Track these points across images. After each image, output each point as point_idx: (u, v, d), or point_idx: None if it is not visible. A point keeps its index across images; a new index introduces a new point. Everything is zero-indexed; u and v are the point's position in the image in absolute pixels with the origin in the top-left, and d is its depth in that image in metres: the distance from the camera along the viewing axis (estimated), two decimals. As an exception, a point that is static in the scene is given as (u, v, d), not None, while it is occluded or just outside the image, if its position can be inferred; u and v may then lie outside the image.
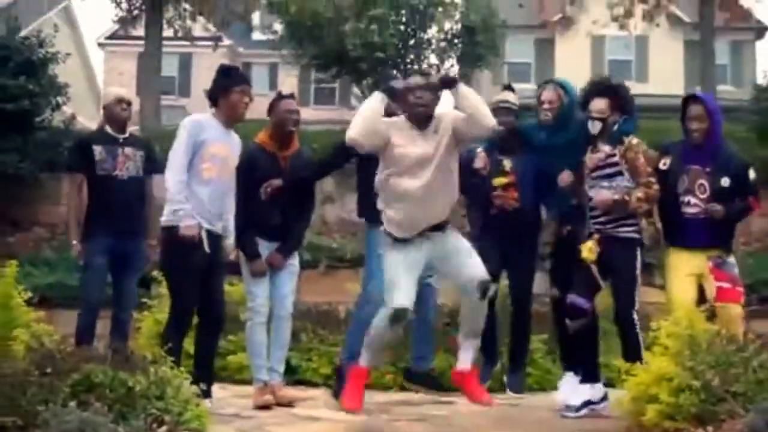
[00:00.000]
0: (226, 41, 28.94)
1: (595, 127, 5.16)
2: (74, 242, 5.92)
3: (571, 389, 5.23)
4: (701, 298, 5.19)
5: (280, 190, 5.49)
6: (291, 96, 5.72)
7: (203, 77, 29.74)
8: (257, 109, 5.99)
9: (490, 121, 4.63)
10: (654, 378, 4.22)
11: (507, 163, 5.76)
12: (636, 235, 5.15)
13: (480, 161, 5.66)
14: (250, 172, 5.48)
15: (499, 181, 5.80)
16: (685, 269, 5.21)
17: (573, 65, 27.16)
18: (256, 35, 28.35)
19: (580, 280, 5.16)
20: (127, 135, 5.97)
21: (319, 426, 4.86)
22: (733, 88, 24.20)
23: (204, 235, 5.15)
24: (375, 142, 4.68)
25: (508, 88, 5.98)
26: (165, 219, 5.18)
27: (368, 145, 4.70)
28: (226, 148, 5.28)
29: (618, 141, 5.16)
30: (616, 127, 5.20)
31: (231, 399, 5.71)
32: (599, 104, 5.16)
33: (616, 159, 5.16)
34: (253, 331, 5.56)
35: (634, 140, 5.19)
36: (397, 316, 4.66)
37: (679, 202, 5.19)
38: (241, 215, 5.47)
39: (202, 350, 5.38)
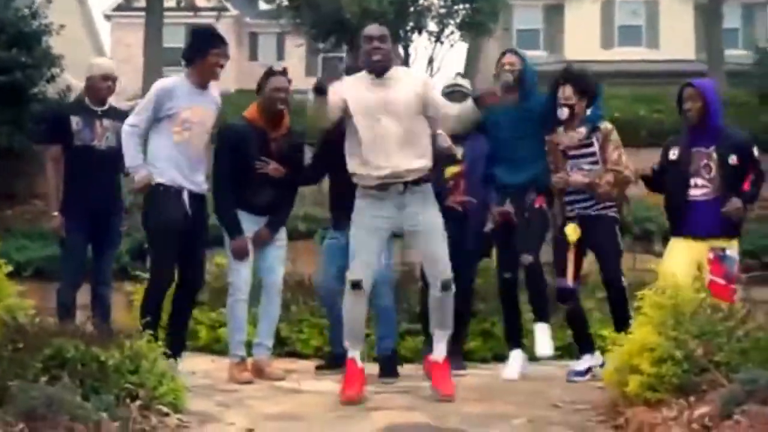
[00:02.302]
0: (233, 11, 28.78)
1: (563, 113, 5.39)
2: (54, 213, 5.87)
3: (520, 365, 5.58)
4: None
5: (275, 170, 5.43)
6: (282, 72, 5.58)
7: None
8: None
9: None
10: (637, 348, 4.15)
11: (458, 151, 5.69)
12: (614, 214, 5.45)
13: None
14: (237, 149, 5.40)
15: (450, 170, 5.80)
16: (683, 257, 5.18)
17: (583, 31, 26.93)
18: (263, 5, 28.15)
19: (561, 262, 5.41)
20: (106, 107, 5.89)
21: (302, 399, 4.81)
22: (744, 53, 23.89)
23: (186, 195, 5.15)
24: (336, 112, 4.74)
25: (460, 74, 6.04)
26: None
27: (335, 117, 4.77)
28: (198, 111, 5.24)
29: (593, 128, 5.41)
30: (589, 112, 5.46)
31: (218, 372, 5.66)
32: (566, 91, 5.40)
33: (594, 148, 5.39)
34: (233, 307, 5.50)
35: (609, 126, 5.47)
36: (354, 285, 4.68)
37: (687, 186, 5.20)
38: (224, 190, 5.41)
39: (176, 311, 5.37)
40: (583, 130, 5.40)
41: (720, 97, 5.41)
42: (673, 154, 5.33)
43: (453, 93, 5.78)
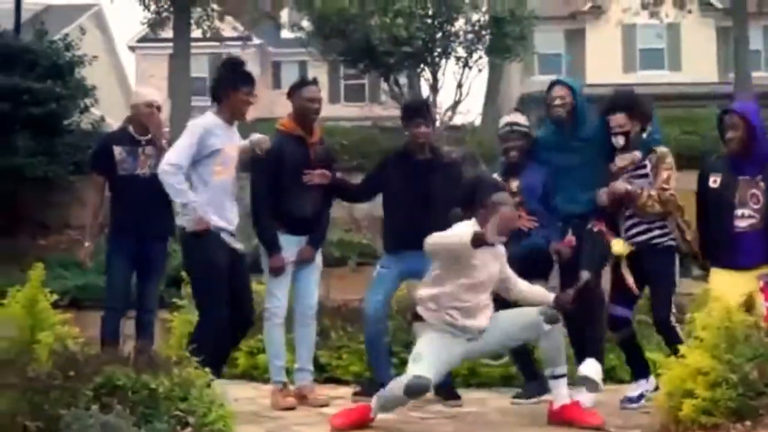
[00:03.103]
0: (256, 40, 29.01)
1: (618, 142, 5.27)
2: (86, 243, 5.92)
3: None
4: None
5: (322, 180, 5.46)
6: (314, 82, 5.64)
7: (233, 77, 29.86)
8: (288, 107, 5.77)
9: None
10: (689, 372, 4.10)
11: (513, 185, 5.48)
12: (672, 242, 5.25)
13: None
14: (279, 160, 5.39)
15: None
16: (730, 289, 4.83)
17: (604, 55, 26.97)
18: (285, 33, 28.36)
19: (617, 289, 5.31)
20: (149, 136, 5.90)
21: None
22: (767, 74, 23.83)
23: (225, 236, 5.11)
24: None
25: (518, 110, 5.95)
26: (181, 219, 5.14)
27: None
28: (233, 148, 5.23)
29: (649, 150, 5.29)
30: (645, 136, 5.33)
31: (261, 399, 5.64)
32: (619, 119, 5.26)
33: (646, 170, 5.27)
34: (271, 332, 5.49)
35: (665, 149, 5.33)
36: (414, 389, 4.45)
37: (732, 217, 5.00)
38: (264, 206, 5.40)
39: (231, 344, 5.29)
40: (638, 154, 5.27)
41: (762, 121, 5.18)
42: (714, 181, 5.11)
43: (511, 132, 5.62)
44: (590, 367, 5.06)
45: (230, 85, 5.20)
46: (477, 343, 4.71)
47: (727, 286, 4.89)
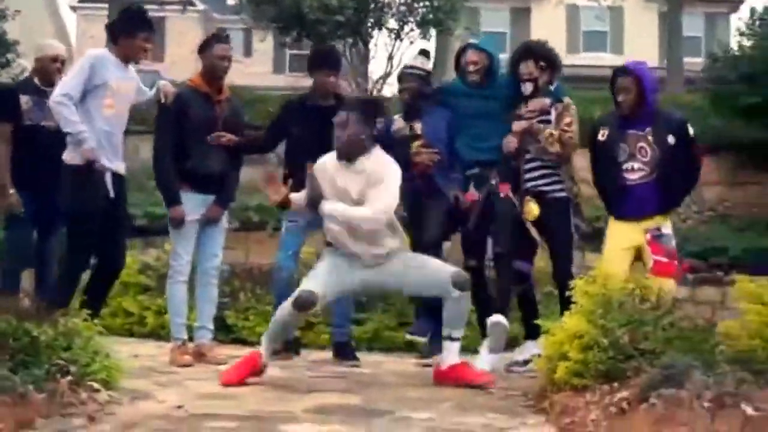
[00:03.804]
0: (200, 6, 28.70)
1: (527, 89, 5.36)
2: (11, 191, 5.80)
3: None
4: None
5: (228, 142, 5.44)
6: (225, 39, 5.66)
7: (175, 42, 29.46)
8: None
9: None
10: (567, 336, 4.23)
11: (417, 126, 5.57)
12: (566, 194, 5.38)
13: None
14: (183, 113, 5.41)
15: (414, 145, 5.62)
16: (623, 242, 5.24)
17: (548, 36, 26.90)
18: (230, 0, 28.11)
19: (520, 243, 5.35)
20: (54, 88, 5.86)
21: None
22: (706, 60, 24.21)
23: (109, 177, 5.11)
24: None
25: (423, 53, 5.95)
26: (70, 156, 5.09)
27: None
28: (124, 85, 5.22)
29: (557, 99, 5.40)
30: (553, 87, 5.44)
31: (162, 357, 5.67)
32: (529, 66, 5.35)
33: (550, 117, 5.37)
34: (173, 290, 5.51)
35: (569, 101, 5.43)
36: (302, 301, 4.58)
37: (621, 170, 5.21)
38: (166, 158, 5.41)
39: (93, 292, 5.20)
40: (547, 101, 5.37)
41: (655, 79, 5.36)
42: (602, 135, 5.30)
43: (407, 74, 5.69)
44: (498, 317, 5.20)
45: (128, 27, 5.22)
46: (377, 273, 4.75)
47: (621, 238, 5.20)
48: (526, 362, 5.39)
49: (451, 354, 4.82)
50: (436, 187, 5.48)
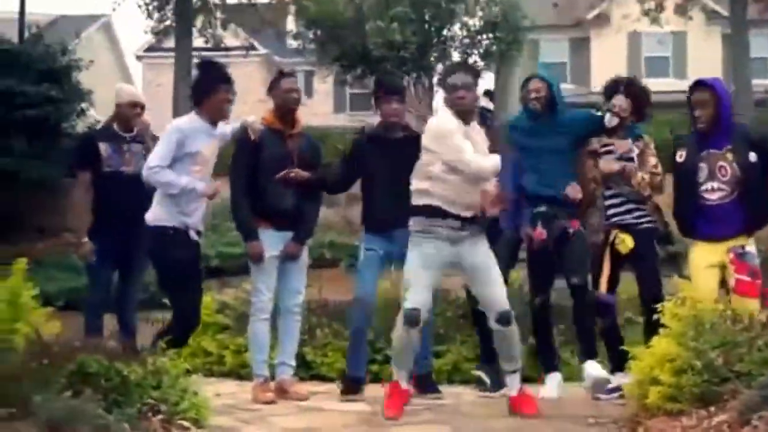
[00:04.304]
0: (261, 50, 29.14)
1: (611, 122, 5.33)
2: (84, 239, 5.90)
3: (558, 384, 5.45)
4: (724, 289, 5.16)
5: (295, 178, 5.47)
6: (291, 74, 5.77)
7: (239, 86, 29.94)
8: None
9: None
10: (657, 360, 4.14)
11: None
12: (652, 225, 5.40)
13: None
14: (256, 152, 5.46)
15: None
16: (707, 261, 5.11)
17: (609, 64, 26.88)
18: (291, 43, 28.52)
19: (601, 275, 5.38)
20: (134, 133, 5.98)
21: (324, 417, 4.83)
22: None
23: (192, 233, 5.23)
24: None
25: (487, 93, 5.97)
26: (153, 218, 5.22)
27: None
28: (212, 149, 5.33)
29: (636, 137, 5.43)
30: (632, 126, 5.47)
31: (243, 395, 5.69)
32: (623, 102, 5.33)
33: (633, 154, 5.40)
34: (255, 328, 5.54)
35: (648, 138, 5.50)
36: (410, 317, 4.68)
37: (700, 191, 5.09)
38: (241, 195, 5.48)
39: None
40: (629, 141, 5.38)
41: (729, 96, 5.28)
42: (680, 156, 5.19)
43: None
44: (592, 368, 5.21)
45: (208, 85, 5.31)
46: (459, 255, 4.80)
47: (704, 258, 5.09)
48: (614, 390, 5.23)
49: (513, 385, 4.90)
50: (499, 229, 5.50)
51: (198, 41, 19.01)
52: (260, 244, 5.45)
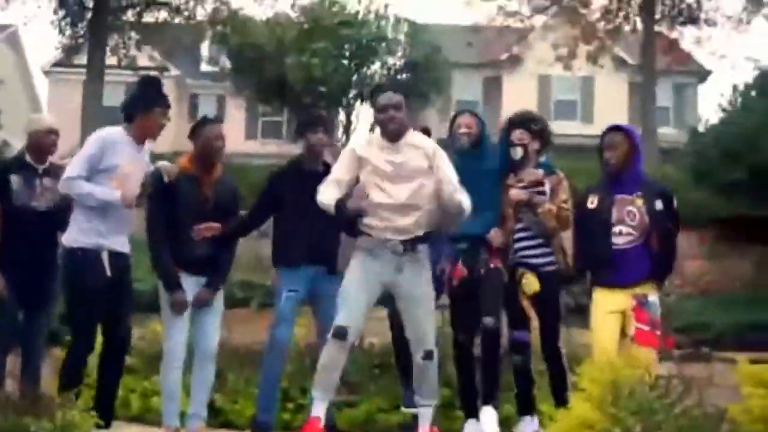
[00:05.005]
0: (174, 71, 28.73)
1: (517, 153, 5.41)
2: None
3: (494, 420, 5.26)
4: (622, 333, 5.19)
5: (209, 228, 5.33)
6: (217, 120, 5.63)
7: (150, 107, 29.30)
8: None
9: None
10: (576, 424, 4.15)
11: None
12: (553, 267, 5.39)
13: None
14: (171, 198, 5.32)
15: None
16: (608, 306, 5.15)
17: (520, 104, 27.15)
18: (204, 67, 28.20)
19: (515, 313, 5.37)
20: (46, 165, 5.76)
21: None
22: (675, 131, 24.62)
23: (105, 256, 5.07)
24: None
25: (425, 131, 5.98)
26: (67, 238, 5.10)
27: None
28: (134, 167, 5.17)
29: (550, 172, 5.44)
30: (543, 159, 5.50)
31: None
32: (519, 134, 5.42)
33: (545, 188, 5.40)
34: (167, 376, 5.36)
35: (561, 175, 5.50)
36: (338, 332, 4.71)
37: (610, 235, 5.13)
38: (159, 241, 5.34)
39: (104, 376, 5.22)
40: (541, 172, 5.41)
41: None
42: (592, 202, 5.24)
43: None
44: (488, 416, 5.15)
45: (144, 103, 5.18)
46: (396, 283, 4.86)
47: (607, 303, 5.12)
48: None
49: (423, 420, 4.96)
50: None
51: (110, 58, 18.62)
52: (184, 294, 5.31)
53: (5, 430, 3.69)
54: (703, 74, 28.55)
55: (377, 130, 5.05)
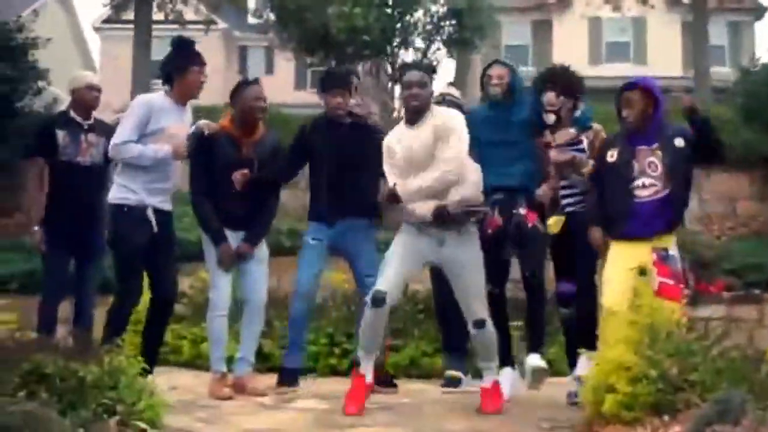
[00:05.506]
0: (221, 25, 28.77)
1: (549, 119, 5.33)
2: (35, 228, 5.85)
3: (510, 384, 5.32)
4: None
5: (246, 182, 5.41)
6: (257, 81, 5.65)
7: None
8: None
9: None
10: (613, 367, 4.18)
11: None
12: None
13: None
14: (210, 157, 5.41)
15: None
16: (628, 261, 4.92)
17: (571, 48, 27.00)
18: (251, 19, 28.19)
19: (562, 264, 5.43)
20: (92, 121, 5.89)
21: (284, 415, 4.82)
22: (730, 70, 24.05)
23: (150, 212, 5.17)
24: None
25: (452, 84, 5.98)
26: (112, 196, 5.22)
27: None
28: (180, 128, 5.26)
29: (584, 128, 5.41)
30: (578, 113, 5.43)
31: (200, 388, 5.65)
32: (550, 97, 5.33)
33: (583, 145, 5.39)
34: (212, 323, 5.50)
35: (599, 127, 5.47)
36: (375, 298, 4.77)
37: (632, 188, 5.00)
38: (202, 198, 5.45)
39: (150, 327, 5.37)
40: (573, 131, 5.36)
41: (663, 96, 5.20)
42: (611, 156, 5.11)
43: (442, 102, 5.67)
44: (538, 361, 5.24)
45: (179, 65, 5.23)
46: (441, 255, 4.97)
47: (626, 258, 4.94)
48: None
49: (486, 378, 5.09)
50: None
51: (157, 14, 18.70)
52: (231, 246, 5.41)
53: (54, 375, 3.81)
54: (760, 12, 27.79)
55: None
